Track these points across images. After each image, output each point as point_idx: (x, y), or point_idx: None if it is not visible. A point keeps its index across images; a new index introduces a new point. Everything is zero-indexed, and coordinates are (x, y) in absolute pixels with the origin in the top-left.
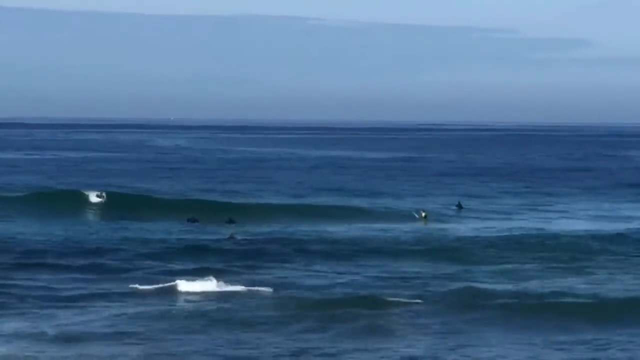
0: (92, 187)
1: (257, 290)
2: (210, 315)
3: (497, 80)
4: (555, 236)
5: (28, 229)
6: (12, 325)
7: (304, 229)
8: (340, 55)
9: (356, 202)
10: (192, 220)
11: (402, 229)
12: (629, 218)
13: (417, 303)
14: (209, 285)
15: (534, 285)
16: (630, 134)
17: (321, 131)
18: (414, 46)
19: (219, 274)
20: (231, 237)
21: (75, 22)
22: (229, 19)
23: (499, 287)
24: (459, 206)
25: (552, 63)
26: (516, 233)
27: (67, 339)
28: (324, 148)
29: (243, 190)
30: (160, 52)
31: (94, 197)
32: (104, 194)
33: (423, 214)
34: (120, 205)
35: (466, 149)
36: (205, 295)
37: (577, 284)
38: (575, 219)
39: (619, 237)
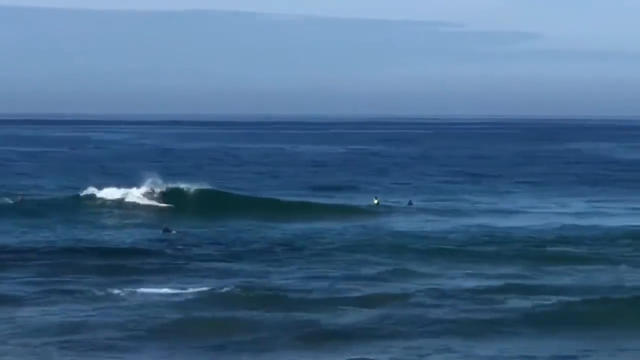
0: None
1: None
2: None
3: (444, 74)
4: (503, 233)
5: None
6: None
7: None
8: (289, 49)
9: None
10: (166, 230)
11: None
12: (582, 214)
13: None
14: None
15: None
16: (574, 127)
17: (262, 126)
18: (360, 40)
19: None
20: (166, 230)
21: (20, 17)
22: (178, 14)
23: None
24: (410, 203)
25: (498, 56)
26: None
27: None
28: (263, 142)
29: None
30: (111, 47)
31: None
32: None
33: (375, 201)
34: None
35: (422, 143)
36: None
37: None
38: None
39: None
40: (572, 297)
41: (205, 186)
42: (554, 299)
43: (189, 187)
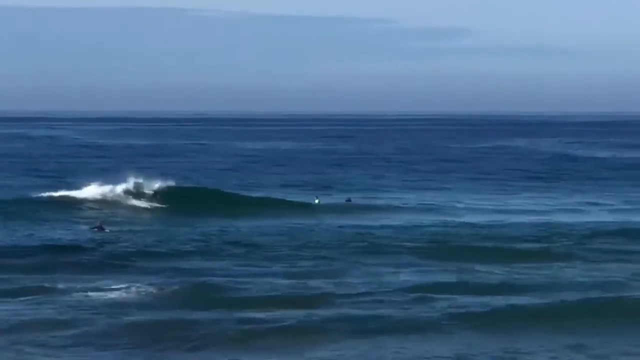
0: None
1: None
2: None
3: (377, 70)
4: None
5: None
6: None
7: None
8: (223, 46)
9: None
10: (98, 228)
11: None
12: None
13: None
14: None
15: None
16: (517, 122)
17: (195, 122)
18: (294, 37)
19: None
20: (100, 228)
21: None
22: (111, 10)
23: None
24: (348, 200)
25: (432, 53)
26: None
27: None
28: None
29: None
30: (43, 45)
31: None
32: None
33: (317, 200)
34: None
35: (359, 140)
36: None
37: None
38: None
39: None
40: (505, 296)
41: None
42: (488, 298)
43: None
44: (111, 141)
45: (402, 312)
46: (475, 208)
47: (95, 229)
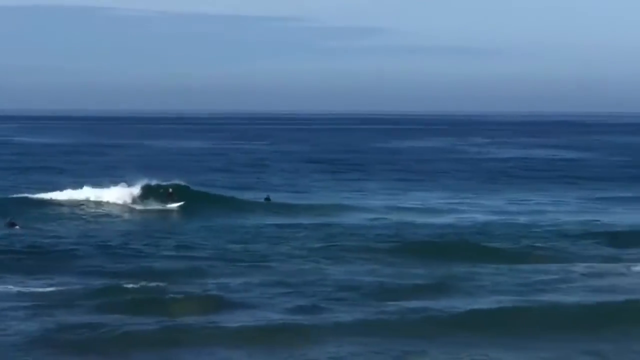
0: None
1: None
2: None
3: (293, 70)
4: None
5: None
6: None
7: None
8: (134, 45)
9: None
10: (9, 225)
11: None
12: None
13: None
14: None
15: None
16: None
17: (119, 121)
18: (214, 36)
19: None
20: (11, 224)
21: None
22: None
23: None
24: (267, 199)
25: (348, 51)
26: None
27: None
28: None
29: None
30: None
31: None
32: None
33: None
34: None
35: (278, 138)
36: None
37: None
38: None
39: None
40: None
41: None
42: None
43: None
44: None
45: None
46: (391, 206)
47: (7, 225)
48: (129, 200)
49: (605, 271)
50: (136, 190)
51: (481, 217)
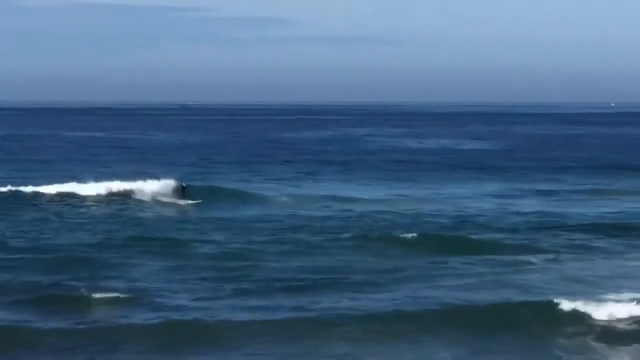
0: None
1: None
2: None
3: (199, 60)
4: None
5: None
6: None
7: None
8: (44, 35)
9: None
10: None
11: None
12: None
13: None
14: None
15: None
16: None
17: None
18: (115, 26)
19: None
20: None
21: None
22: None
23: None
24: (183, 188)
25: (253, 42)
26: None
27: None
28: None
29: None
30: None
31: None
32: None
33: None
34: None
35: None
36: None
37: None
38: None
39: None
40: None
41: None
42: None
43: None
44: None
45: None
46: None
47: None
48: None
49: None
50: None
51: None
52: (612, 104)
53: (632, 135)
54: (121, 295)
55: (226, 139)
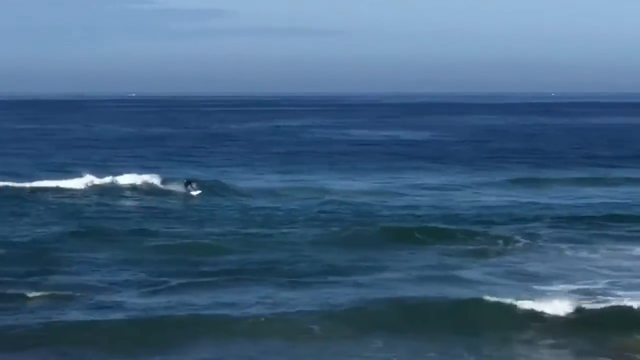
0: None
1: None
2: None
3: (138, 52)
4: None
5: None
6: None
7: None
8: None
9: None
10: None
11: None
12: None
13: None
14: None
15: None
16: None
17: None
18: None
19: None
20: None
21: None
22: None
23: None
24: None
25: (191, 34)
26: None
27: None
28: None
29: None
30: None
31: None
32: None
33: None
34: None
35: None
36: None
37: None
38: None
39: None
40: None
41: None
42: None
43: None
44: None
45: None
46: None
47: None
48: None
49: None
50: None
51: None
52: (552, 94)
53: (572, 125)
54: (58, 293)
55: (167, 131)
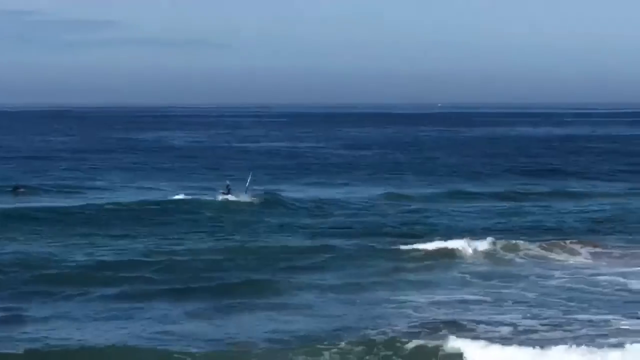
0: None
1: None
2: None
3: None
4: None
5: None
6: None
7: None
8: None
9: None
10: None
11: None
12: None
13: None
14: None
15: None
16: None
17: None
18: None
19: None
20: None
21: None
22: None
23: None
24: (18, 188)
25: (83, 44)
26: None
27: None
28: None
29: None
30: None
31: None
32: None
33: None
34: None
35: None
36: None
37: None
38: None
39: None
40: None
41: None
42: None
43: None
44: None
45: None
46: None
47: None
48: None
49: None
50: None
51: None
52: (439, 105)
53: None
54: None
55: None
